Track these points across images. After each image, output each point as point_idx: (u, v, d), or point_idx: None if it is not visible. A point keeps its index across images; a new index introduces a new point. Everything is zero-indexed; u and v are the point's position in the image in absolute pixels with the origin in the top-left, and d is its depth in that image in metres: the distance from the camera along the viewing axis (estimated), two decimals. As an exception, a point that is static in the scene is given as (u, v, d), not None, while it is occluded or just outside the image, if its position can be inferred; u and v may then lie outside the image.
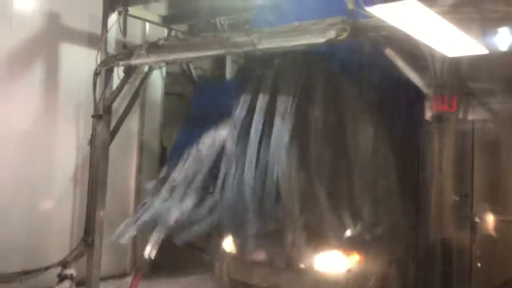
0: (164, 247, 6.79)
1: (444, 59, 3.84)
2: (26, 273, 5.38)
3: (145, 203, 5.69)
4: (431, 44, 3.62)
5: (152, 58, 4.93)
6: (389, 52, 3.97)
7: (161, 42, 4.82)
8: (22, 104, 5.66)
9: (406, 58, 3.98)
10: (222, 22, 5.61)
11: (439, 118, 4.05)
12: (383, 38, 3.90)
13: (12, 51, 5.55)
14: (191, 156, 5.64)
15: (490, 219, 5.03)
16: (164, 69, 6.90)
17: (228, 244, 5.19)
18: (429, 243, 4.03)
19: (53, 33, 5.91)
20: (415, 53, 3.94)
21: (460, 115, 4.68)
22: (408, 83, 4.14)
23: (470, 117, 4.81)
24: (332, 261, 4.47)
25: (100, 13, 5.77)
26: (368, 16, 3.69)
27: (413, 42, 3.68)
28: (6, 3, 5.51)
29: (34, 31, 5.77)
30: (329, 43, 4.02)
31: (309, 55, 4.67)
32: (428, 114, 4.14)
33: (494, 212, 5.10)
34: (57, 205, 5.99)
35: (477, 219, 4.74)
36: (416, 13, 3.03)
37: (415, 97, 4.30)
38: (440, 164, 3.99)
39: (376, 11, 3.21)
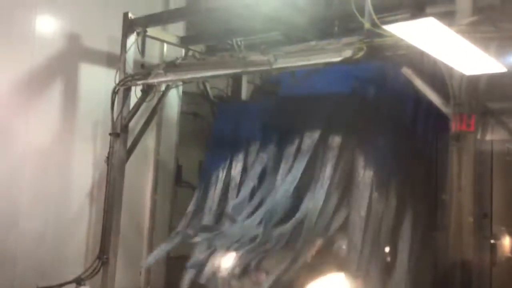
0: (178, 265, 6.80)
1: (462, 77, 3.82)
2: (40, 290, 5.37)
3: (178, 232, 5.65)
4: (449, 62, 3.61)
5: (170, 77, 5.00)
6: (406, 71, 3.96)
7: (178, 61, 4.89)
8: (41, 122, 5.76)
9: (424, 77, 3.97)
10: (239, 42, 5.67)
11: (457, 137, 4.01)
12: (400, 57, 3.90)
13: (33, 71, 5.67)
14: (220, 181, 5.62)
15: (509, 240, 4.93)
16: (180, 88, 6.97)
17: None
18: (448, 265, 3.94)
19: (73, 53, 6.04)
20: (433, 72, 3.93)
21: (479, 135, 4.63)
22: (427, 102, 4.11)
23: (489, 137, 4.76)
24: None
25: (119, 34, 5.89)
26: (385, 35, 3.70)
27: (431, 61, 3.68)
28: (29, 24, 5.65)
29: (54, 52, 5.90)
30: (345, 62, 4.03)
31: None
32: (447, 134, 4.11)
33: (514, 233, 4.99)
34: (73, 222, 6.03)
35: (494, 241, 4.65)
36: (433, 31, 3.03)
37: (434, 116, 4.26)
38: (459, 184, 3.93)
39: (393, 29, 3.22)
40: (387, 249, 4.36)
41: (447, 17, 3.97)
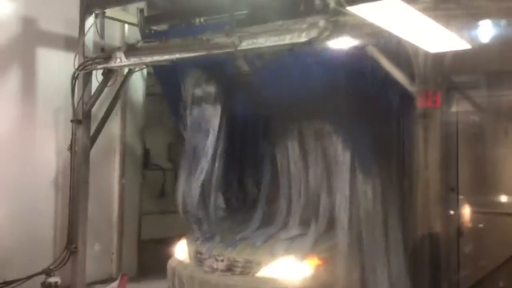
0: (150, 248, 6.77)
1: (427, 55, 3.83)
2: (9, 283, 5.23)
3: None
4: (414, 41, 3.60)
5: (131, 61, 4.82)
6: (372, 50, 3.93)
7: (139, 44, 4.73)
8: (-1, 110, 5.52)
9: (389, 56, 3.96)
10: (203, 22, 5.51)
11: (424, 115, 4.05)
12: (366, 37, 3.87)
13: (-14, 58, 5.40)
14: None
15: (475, 212, 5.08)
16: (145, 70, 6.78)
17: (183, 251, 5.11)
18: (416, 239, 4.03)
19: (29, 37, 5.77)
20: (398, 51, 3.92)
21: (444, 110, 4.69)
22: (394, 82, 4.11)
23: (454, 110, 4.83)
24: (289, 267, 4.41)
25: (77, 16, 5.64)
26: (351, 14, 3.65)
27: (395, 40, 3.66)
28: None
29: (10, 36, 5.62)
30: (311, 42, 3.96)
31: None
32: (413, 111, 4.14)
33: (480, 205, 5.15)
34: (39, 212, 5.86)
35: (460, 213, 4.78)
36: (397, 10, 3.00)
37: (400, 94, 4.28)
38: (426, 161, 3.99)
39: (357, 10, 3.17)
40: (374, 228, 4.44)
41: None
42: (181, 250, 5.20)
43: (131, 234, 6.88)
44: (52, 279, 5.36)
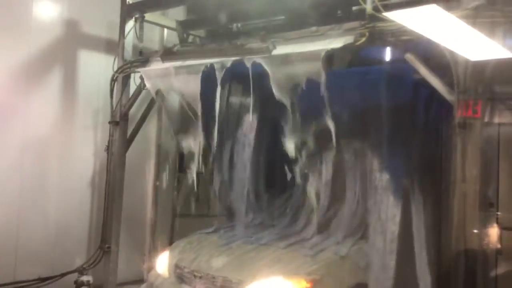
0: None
1: (467, 63, 3.68)
2: (43, 280, 5.38)
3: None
4: (453, 48, 3.47)
5: (167, 65, 4.88)
6: (410, 58, 3.82)
7: (175, 48, 4.78)
8: (40, 111, 5.70)
9: (428, 64, 3.83)
10: (240, 27, 5.53)
11: (463, 125, 3.89)
12: (403, 43, 3.77)
13: (31, 59, 5.59)
14: None
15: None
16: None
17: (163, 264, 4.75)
18: (452, 257, 3.86)
19: (71, 40, 5.95)
20: (437, 58, 3.79)
21: (485, 120, 4.50)
22: (432, 90, 3.97)
23: (496, 121, 4.62)
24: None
25: (117, 20, 5.78)
26: (388, 20, 3.57)
27: (434, 47, 3.54)
28: (26, 11, 5.55)
29: (52, 39, 5.81)
30: (347, 48, 3.90)
31: None
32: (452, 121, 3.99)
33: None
34: (74, 211, 6.01)
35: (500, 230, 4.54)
36: (436, 17, 2.90)
37: (439, 103, 4.12)
38: (464, 174, 3.82)
39: (395, 16, 3.08)
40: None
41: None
42: (162, 263, 4.81)
43: (164, 237, 6.94)
44: (85, 278, 5.48)
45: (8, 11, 5.37)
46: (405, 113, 4.36)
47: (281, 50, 4.06)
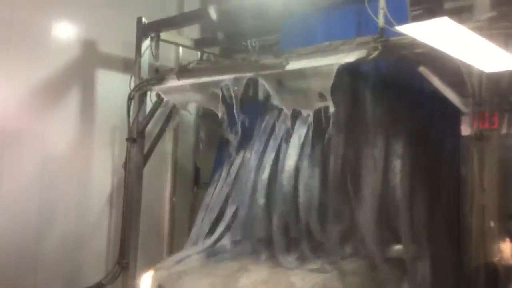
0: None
1: (482, 75, 3.68)
2: (62, 295, 5.44)
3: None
4: (468, 60, 3.47)
5: (182, 82, 4.96)
6: (424, 70, 3.83)
7: (191, 65, 4.86)
8: (59, 129, 5.81)
9: (442, 76, 3.83)
10: (254, 44, 5.62)
11: (479, 137, 3.87)
12: (417, 56, 3.78)
13: (50, 78, 5.72)
14: (222, 179, 5.54)
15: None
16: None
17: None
18: (471, 270, 3.81)
19: (89, 59, 6.08)
20: (451, 71, 3.79)
21: (503, 132, 4.46)
22: (446, 102, 3.96)
23: (513, 133, 4.59)
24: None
25: (134, 39, 5.90)
26: (401, 34, 3.59)
27: (448, 59, 3.54)
28: (45, 31, 5.71)
29: (71, 58, 5.94)
30: (360, 62, 3.93)
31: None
32: (468, 132, 3.96)
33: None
34: (93, 227, 6.09)
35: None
36: (449, 30, 2.91)
37: (454, 115, 4.11)
38: (482, 185, 3.79)
39: (407, 30, 3.11)
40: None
41: (465, 11, 3.85)
42: (144, 284, 4.63)
43: (181, 251, 6.96)
44: (103, 293, 5.52)
45: (27, 32, 5.52)
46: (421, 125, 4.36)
47: (294, 65, 4.10)
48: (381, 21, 3.74)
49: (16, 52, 5.39)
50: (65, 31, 5.92)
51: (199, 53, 6.49)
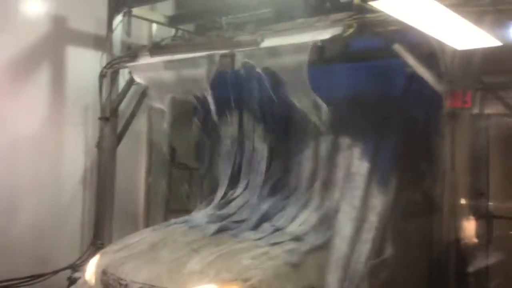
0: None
1: (455, 53, 3.69)
2: (36, 277, 5.34)
3: None
4: (442, 38, 3.47)
5: (156, 59, 4.86)
6: (398, 48, 3.82)
7: (164, 42, 4.75)
8: (29, 108, 5.63)
9: (416, 54, 3.83)
10: (228, 21, 5.51)
11: (452, 115, 3.90)
12: (391, 34, 3.76)
13: (18, 56, 5.52)
14: None
15: (506, 219, 4.85)
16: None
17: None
18: (442, 246, 3.88)
19: (59, 36, 5.87)
20: (426, 48, 3.79)
21: (475, 111, 4.50)
22: (419, 80, 3.97)
23: (486, 112, 4.63)
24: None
25: (105, 15, 5.73)
26: (376, 11, 3.56)
27: (423, 37, 3.53)
28: (13, 7, 5.49)
29: (40, 35, 5.73)
30: (334, 39, 3.89)
31: None
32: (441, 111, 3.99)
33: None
34: (66, 208, 5.97)
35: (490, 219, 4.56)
36: (423, 6, 2.89)
37: (426, 94, 4.12)
38: (453, 163, 3.83)
39: (381, 6, 3.07)
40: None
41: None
42: (90, 268, 4.27)
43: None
44: (78, 274, 5.42)
45: (-7, 7, 5.31)
46: (392, 104, 4.36)
47: (269, 42, 4.05)
48: (356, -2, 3.70)
49: (-19, 27, 5.19)
50: (33, 7, 5.69)
51: (173, 30, 6.36)
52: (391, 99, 4.28)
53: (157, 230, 4.63)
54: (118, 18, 5.65)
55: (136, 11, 5.72)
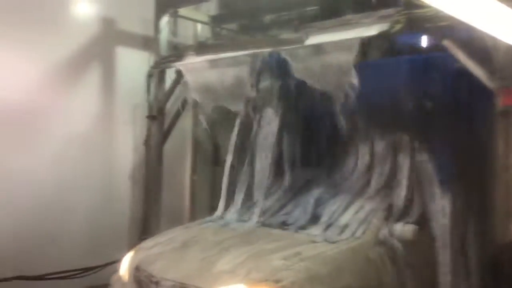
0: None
1: (509, 49, 3.53)
2: (86, 269, 5.54)
3: None
4: (494, 33, 3.33)
5: (201, 58, 4.92)
6: (448, 44, 3.70)
7: (209, 42, 4.80)
8: (81, 107, 5.85)
9: (467, 50, 3.70)
10: (272, 19, 5.51)
11: (505, 113, 3.75)
12: (441, 29, 3.65)
13: (70, 57, 5.74)
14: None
15: None
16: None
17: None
18: (495, 249, 3.74)
19: (108, 37, 6.07)
20: (477, 44, 3.65)
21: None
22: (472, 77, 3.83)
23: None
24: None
25: (152, 16, 5.86)
26: (425, 6, 3.47)
27: (474, 33, 3.41)
28: (65, 9, 5.71)
29: (91, 36, 5.94)
30: (382, 36, 3.82)
31: None
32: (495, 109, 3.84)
33: None
34: (115, 204, 6.16)
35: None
36: (476, 1, 2.79)
37: (480, 92, 3.97)
38: (507, 163, 3.68)
39: (431, 1, 2.99)
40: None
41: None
42: (124, 264, 4.27)
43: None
44: (126, 268, 5.60)
45: (48, 10, 5.52)
46: (446, 103, 4.22)
47: (314, 40, 4.01)
48: (404, -7, 3.62)
49: (36, 30, 5.39)
50: (85, 9, 5.91)
51: (217, 29, 6.42)
52: (441, 97, 4.15)
53: (190, 228, 4.65)
54: (165, 19, 5.77)
55: (181, 11, 5.82)
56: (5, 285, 4.94)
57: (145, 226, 5.84)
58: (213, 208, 7.12)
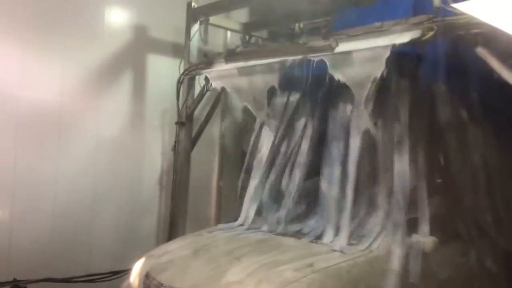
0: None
1: (546, 56, 3.44)
2: (114, 273, 5.61)
3: None
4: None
5: (230, 66, 4.95)
6: (481, 52, 3.62)
7: (238, 49, 4.84)
8: (112, 112, 5.98)
9: (502, 58, 3.61)
10: (302, 26, 5.52)
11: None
12: (475, 37, 3.57)
13: (103, 63, 5.88)
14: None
15: None
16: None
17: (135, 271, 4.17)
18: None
19: (140, 44, 6.20)
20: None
21: None
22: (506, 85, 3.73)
23: None
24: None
25: (183, 24, 5.95)
26: (457, 13, 3.41)
27: (509, 40, 3.33)
28: (99, 16, 5.86)
29: (123, 43, 6.08)
30: (414, 43, 3.76)
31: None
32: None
33: None
34: (143, 208, 6.26)
35: None
36: (509, 7, 2.73)
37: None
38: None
39: (464, 8, 2.94)
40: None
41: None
42: (135, 270, 4.26)
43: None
44: (153, 273, 5.64)
45: (81, 17, 5.67)
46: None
47: (344, 47, 3.99)
48: (436, 0, 3.57)
49: (70, 36, 5.55)
50: (118, 16, 6.05)
51: (247, 36, 6.47)
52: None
53: (202, 236, 4.56)
54: (195, 27, 5.85)
55: (212, 19, 5.89)
56: (35, 286, 5.05)
57: (172, 231, 5.88)
58: (238, 215, 7.18)
